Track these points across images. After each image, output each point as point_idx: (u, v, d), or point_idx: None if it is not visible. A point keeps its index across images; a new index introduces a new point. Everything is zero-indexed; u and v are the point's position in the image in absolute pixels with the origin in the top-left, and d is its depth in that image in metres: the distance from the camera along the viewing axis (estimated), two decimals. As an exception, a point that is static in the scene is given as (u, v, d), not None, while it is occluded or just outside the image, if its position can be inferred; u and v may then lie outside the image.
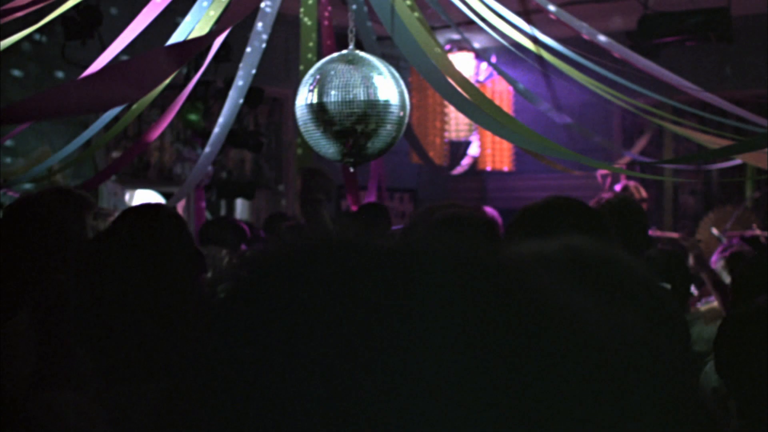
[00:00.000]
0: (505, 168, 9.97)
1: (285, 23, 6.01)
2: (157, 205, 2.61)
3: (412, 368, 0.58)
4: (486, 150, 9.79)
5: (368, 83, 4.79)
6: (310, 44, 6.35)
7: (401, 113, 4.88)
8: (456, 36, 8.98)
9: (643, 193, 8.01)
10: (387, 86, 4.84)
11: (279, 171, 9.59)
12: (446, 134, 9.97)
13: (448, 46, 9.98)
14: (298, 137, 5.40)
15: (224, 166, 8.74)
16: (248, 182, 8.16)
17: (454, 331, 0.60)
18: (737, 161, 7.71)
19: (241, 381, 0.60)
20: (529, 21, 5.97)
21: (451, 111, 9.69)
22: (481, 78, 10.04)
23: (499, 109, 5.44)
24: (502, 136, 4.63)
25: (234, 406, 0.59)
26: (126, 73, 2.65)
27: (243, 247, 5.78)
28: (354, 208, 7.02)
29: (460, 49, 9.95)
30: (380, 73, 4.88)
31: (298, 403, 0.58)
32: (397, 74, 4.93)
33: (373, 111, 4.77)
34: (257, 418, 0.59)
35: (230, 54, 6.91)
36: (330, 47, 6.48)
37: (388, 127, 4.83)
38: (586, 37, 5.93)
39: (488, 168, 10.13)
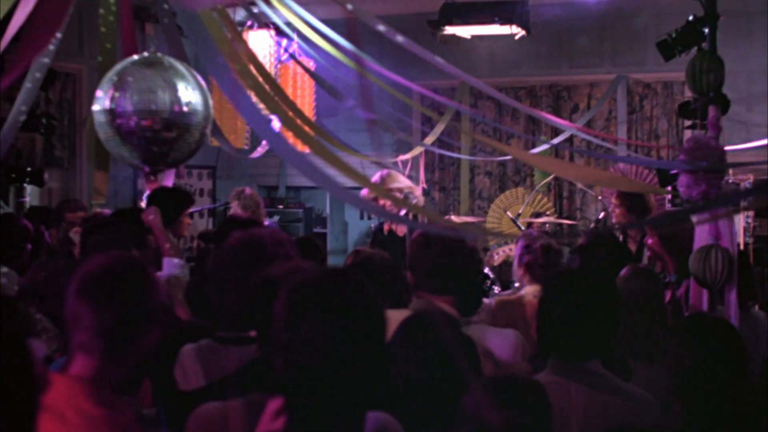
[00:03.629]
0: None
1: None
2: None
3: None
4: (288, 131, 9.64)
5: (171, 89, 4.60)
6: (109, 26, 6.04)
7: (205, 118, 4.73)
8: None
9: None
10: (190, 91, 4.67)
11: (72, 149, 9.19)
12: (247, 113, 9.75)
13: (249, 22, 9.74)
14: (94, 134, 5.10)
15: (14, 147, 8.27)
16: (38, 169, 7.72)
17: None
18: (535, 150, 7.94)
19: None
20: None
21: (252, 89, 9.48)
22: (284, 58, 9.85)
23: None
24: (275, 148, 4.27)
25: None
26: None
27: (29, 246, 5.48)
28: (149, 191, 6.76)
29: (261, 26, 9.68)
30: (183, 78, 4.71)
31: None
32: (199, 77, 4.76)
33: (176, 118, 4.59)
34: None
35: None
36: (128, 25, 6.17)
37: (192, 133, 4.68)
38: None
39: (290, 149, 10.00)
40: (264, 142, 9.38)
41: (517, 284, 5.72)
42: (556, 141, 8.19)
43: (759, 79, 9.27)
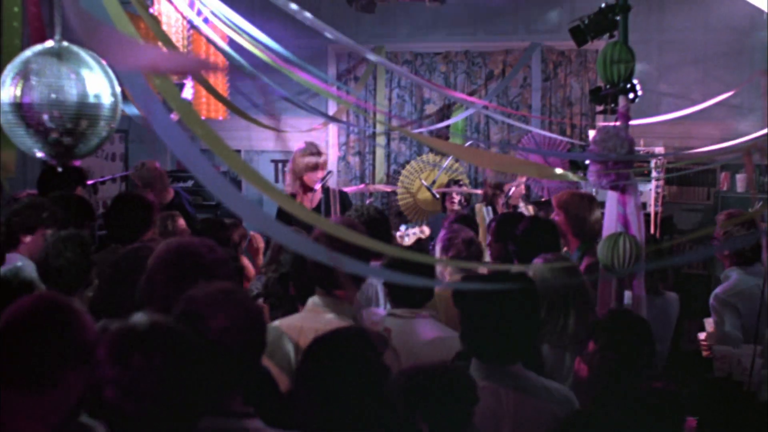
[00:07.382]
0: (220, 117, 9.74)
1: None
2: None
3: None
4: (201, 98, 9.49)
5: (78, 81, 4.48)
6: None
7: (112, 109, 4.62)
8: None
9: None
10: (98, 82, 4.56)
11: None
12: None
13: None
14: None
15: None
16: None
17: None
18: (447, 122, 7.97)
19: None
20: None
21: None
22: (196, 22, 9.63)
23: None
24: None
25: None
26: None
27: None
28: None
29: (170, -10, 9.44)
30: (90, 69, 4.58)
31: None
32: (108, 68, 4.64)
33: (84, 111, 4.48)
34: None
35: None
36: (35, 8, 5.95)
37: (100, 125, 4.57)
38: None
39: (203, 117, 9.84)
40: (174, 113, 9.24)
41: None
42: (467, 113, 8.23)
43: (670, 49, 9.41)
